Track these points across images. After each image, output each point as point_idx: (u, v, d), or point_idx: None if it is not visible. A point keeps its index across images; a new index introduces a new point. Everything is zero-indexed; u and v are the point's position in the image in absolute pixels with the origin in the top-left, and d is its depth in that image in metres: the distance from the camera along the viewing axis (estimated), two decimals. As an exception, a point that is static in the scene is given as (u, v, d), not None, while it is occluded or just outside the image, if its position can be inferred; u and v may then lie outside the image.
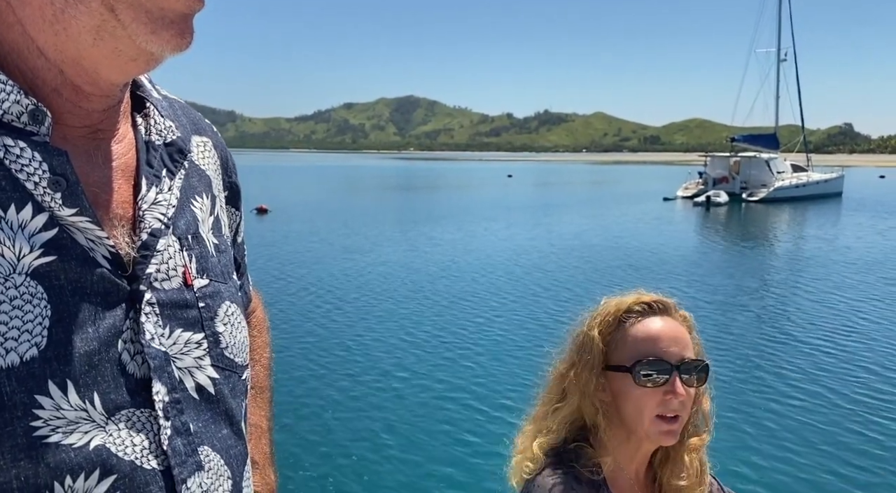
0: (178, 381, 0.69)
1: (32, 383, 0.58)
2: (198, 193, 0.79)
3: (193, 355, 0.71)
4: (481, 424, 6.72)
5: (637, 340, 1.26)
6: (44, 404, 0.58)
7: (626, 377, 1.25)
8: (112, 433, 0.62)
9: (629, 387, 1.24)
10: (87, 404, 0.61)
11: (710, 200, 36.01)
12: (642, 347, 1.25)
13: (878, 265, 16.27)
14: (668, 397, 1.21)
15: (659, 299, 1.31)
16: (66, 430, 0.59)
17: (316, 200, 39.01)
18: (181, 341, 0.70)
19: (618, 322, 1.29)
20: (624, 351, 1.26)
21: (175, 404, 0.68)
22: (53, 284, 0.61)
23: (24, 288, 0.59)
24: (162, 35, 0.61)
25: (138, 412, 0.65)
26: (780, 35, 50.28)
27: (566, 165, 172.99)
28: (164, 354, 0.68)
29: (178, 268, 0.72)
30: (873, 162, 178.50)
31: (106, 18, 0.59)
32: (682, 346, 1.25)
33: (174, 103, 0.84)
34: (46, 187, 0.61)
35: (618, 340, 1.28)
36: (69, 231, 0.62)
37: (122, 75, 0.66)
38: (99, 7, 0.59)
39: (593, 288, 13.37)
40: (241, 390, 0.79)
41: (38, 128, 0.62)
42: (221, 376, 0.74)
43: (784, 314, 11.35)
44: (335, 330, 10.08)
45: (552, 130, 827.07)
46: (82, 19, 0.59)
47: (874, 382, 7.94)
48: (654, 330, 1.26)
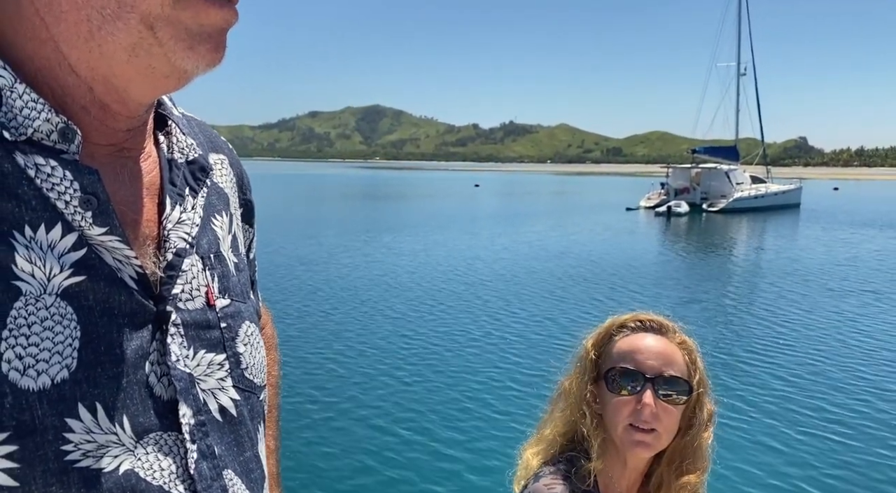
0: (203, 403, 0.69)
1: (63, 406, 0.57)
2: (217, 212, 0.79)
3: (216, 376, 0.71)
4: (448, 439, 6.53)
5: (620, 351, 1.30)
6: (74, 428, 0.58)
7: (604, 385, 1.30)
8: (141, 456, 0.62)
9: (606, 395, 1.29)
10: (117, 427, 0.61)
11: (671, 210, 36.54)
12: (621, 357, 1.29)
13: (832, 273, 16.59)
14: (638, 407, 1.24)
15: (655, 319, 1.34)
16: (97, 454, 0.59)
17: (279, 209, 38.43)
18: (204, 363, 0.70)
19: (609, 336, 1.34)
20: (608, 362, 1.31)
21: (200, 427, 0.68)
22: (83, 304, 0.60)
23: (55, 309, 0.59)
24: (199, 50, 0.61)
25: (165, 435, 0.65)
26: (740, 50, 51.59)
27: (531, 175, 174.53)
28: (189, 375, 0.68)
29: (202, 288, 0.72)
30: (827, 175, 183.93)
31: (144, 36, 0.59)
32: (663, 362, 1.27)
33: (192, 121, 0.84)
34: (77, 206, 0.60)
35: (606, 352, 1.33)
36: (97, 251, 0.62)
37: (152, 93, 0.66)
38: (138, 25, 0.58)
39: (559, 297, 13.35)
40: (259, 412, 0.79)
41: (68, 146, 0.61)
42: (242, 398, 0.74)
43: (743, 320, 11.44)
44: (288, 342, 9.80)
45: (517, 141, 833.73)
46: (119, 36, 0.59)
47: (831, 386, 8.00)
48: (637, 344, 1.29)
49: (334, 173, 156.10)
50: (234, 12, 0.63)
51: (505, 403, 7.39)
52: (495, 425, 6.78)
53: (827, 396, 7.75)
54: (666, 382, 1.25)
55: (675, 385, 1.26)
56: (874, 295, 13.75)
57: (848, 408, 7.39)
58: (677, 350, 1.30)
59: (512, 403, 7.37)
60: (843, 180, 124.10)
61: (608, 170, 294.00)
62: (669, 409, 1.25)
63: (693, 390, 1.29)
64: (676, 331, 1.34)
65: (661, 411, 1.24)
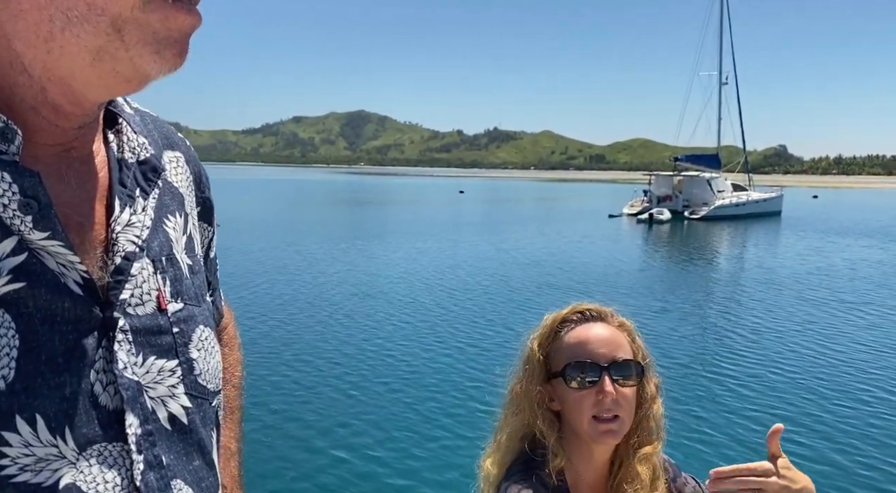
0: (151, 411, 0.66)
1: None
2: (171, 212, 0.77)
3: (167, 383, 0.69)
4: (427, 448, 6.48)
5: (570, 345, 1.31)
6: (11, 442, 0.56)
7: (561, 382, 1.29)
8: (83, 469, 0.60)
9: (565, 391, 1.29)
10: (59, 439, 0.58)
11: (653, 217, 36.84)
12: (573, 351, 1.29)
13: (811, 281, 16.76)
14: (599, 398, 1.25)
15: (593, 307, 1.36)
16: (35, 468, 0.57)
17: (261, 214, 38.18)
18: (154, 370, 0.68)
19: (554, 333, 1.34)
20: (559, 359, 1.31)
21: (147, 437, 0.65)
22: (22, 312, 0.58)
23: None
24: (164, 54, 0.60)
25: (110, 446, 0.62)
26: (722, 59, 52.23)
27: (515, 181, 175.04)
28: (137, 383, 0.65)
29: (153, 292, 0.69)
30: (806, 182, 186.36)
31: (111, 39, 0.58)
32: (613, 348, 1.29)
33: (146, 116, 0.81)
34: (16, 210, 0.58)
35: (554, 349, 1.33)
36: (39, 256, 0.60)
37: (110, 96, 0.65)
38: (107, 28, 0.57)
39: (540, 303, 13.34)
40: (211, 419, 0.77)
41: (8, 146, 0.59)
42: (194, 405, 0.72)
43: (722, 327, 11.50)
44: (265, 349, 9.71)
45: (501, 147, 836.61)
46: (85, 39, 0.58)
47: (811, 389, 8.05)
48: (585, 335, 1.31)
49: (318, 179, 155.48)
50: (199, 17, 0.62)
51: (481, 414, 7.35)
52: (469, 438, 6.74)
53: (806, 402, 7.80)
54: (619, 367, 1.27)
55: (628, 369, 1.28)
56: (851, 304, 13.89)
57: (829, 413, 7.43)
58: (620, 333, 1.32)
59: (489, 414, 7.34)
60: (822, 188, 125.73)
61: (591, 177, 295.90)
62: (626, 393, 1.27)
63: (645, 370, 1.32)
64: (614, 315, 1.37)
65: (619, 396, 1.26)
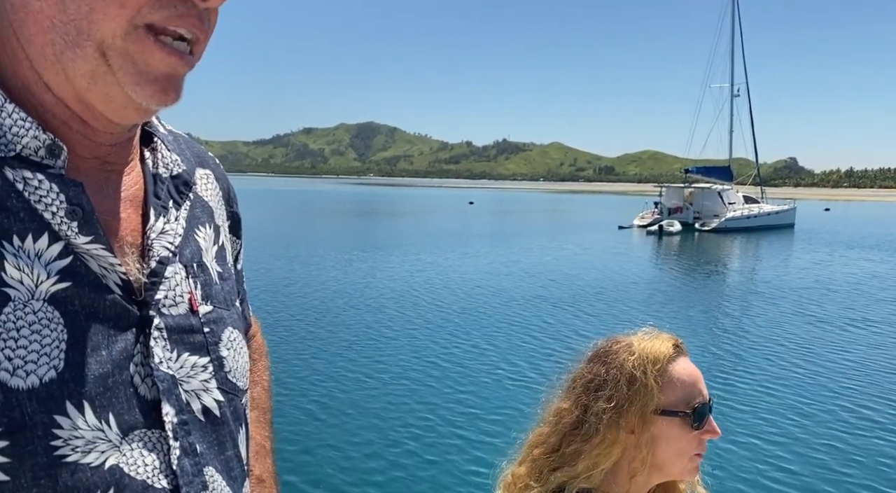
0: (186, 403, 0.71)
1: (52, 403, 0.60)
2: (201, 224, 0.82)
3: (200, 378, 0.73)
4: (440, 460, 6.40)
5: (684, 383, 1.26)
6: (63, 425, 0.60)
7: (673, 421, 1.24)
8: (126, 452, 0.64)
9: (678, 429, 1.24)
10: (104, 424, 0.63)
11: (663, 229, 36.68)
12: (690, 391, 1.26)
13: (822, 294, 16.57)
14: (705, 437, 1.25)
15: (682, 342, 1.33)
16: (84, 449, 0.61)
17: (271, 225, 38.26)
18: (188, 365, 0.72)
19: (664, 365, 1.28)
20: (672, 395, 1.25)
21: (183, 426, 0.70)
22: (69, 309, 0.63)
23: (42, 313, 0.61)
24: (146, 89, 0.63)
25: (149, 432, 0.67)
26: (734, 71, 52.02)
27: (524, 193, 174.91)
28: (172, 377, 0.70)
29: (185, 294, 0.74)
30: (817, 195, 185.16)
31: (100, 64, 0.61)
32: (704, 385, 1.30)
33: (179, 138, 0.87)
34: (63, 217, 0.63)
35: (665, 383, 1.26)
36: (83, 259, 0.64)
37: (119, 119, 0.67)
38: (94, 52, 0.61)
39: (550, 315, 13.26)
40: (241, 414, 0.81)
41: (55, 161, 0.64)
42: (226, 399, 0.77)
43: (731, 338, 11.37)
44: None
45: (510, 159, 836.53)
46: (79, 63, 0.61)
47: (826, 403, 7.93)
48: (694, 373, 1.29)
49: (328, 190, 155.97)
50: (184, 62, 0.65)
51: (493, 424, 7.27)
52: (486, 447, 6.66)
53: (818, 416, 7.67)
54: (711, 405, 1.28)
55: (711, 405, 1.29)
56: (865, 321, 13.70)
57: (846, 432, 7.30)
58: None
59: (500, 424, 7.26)
60: (833, 201, 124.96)
61: (600, 188, 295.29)
62: None
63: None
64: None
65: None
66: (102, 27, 0.60)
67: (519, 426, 1.32)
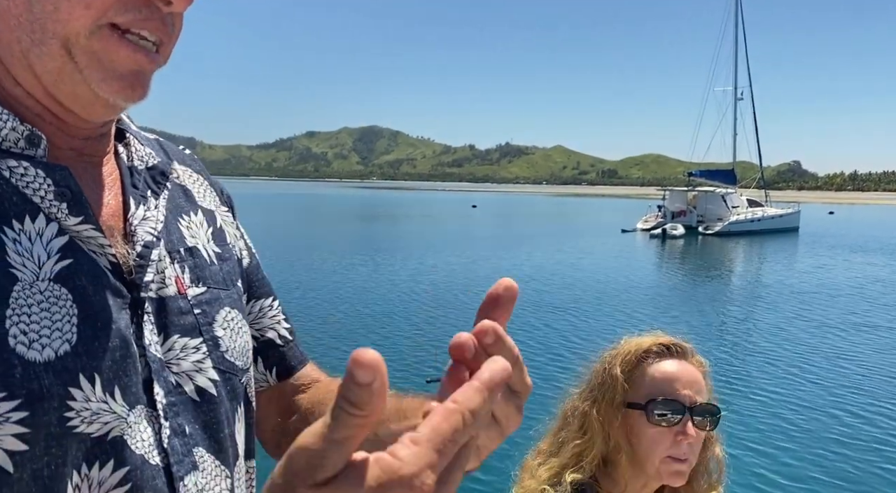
0: (175, 385, 0.72)
1: (67, 376, 0.61)
2: (185, 212, 0.83)
3: (191, 359, 0.74)
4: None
5: (654, 380, 1.28)
6: (76, 397, 0.62)
7: (641, 416, 1.27)
8: (131, 425, 0.66)
9: (643, 425, 1.26)
10: (108, 397, 0.64)
11: (667, 232, 36.65)
12: (658, 387, 1.27)
13: (831, 296, 16.52)
14: (678, 439, 1.23)
15: (677, 343, 1.34)
16: (90, 420, 0.63)
17: (274, 229, 38.29)
18: (177, 347, 0.73)
19: (637, 361, 1.31)
20: (641, 390, 1.28)
21: (171, 407, 0.71)
22: (77, 284, 0.64)
23: (49, 292, 0.62)
24: (112, 85, 0.64)
25: (147, 409, 0.69)
26: (737, 74, 51.93)
27: (528, 196, 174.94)
28: (160, 360, 0.71)
29: (171, 277, 0.75)
30: (821, 199, 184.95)
31: (66, 61, 0.62)
32: (695, 389, 1.27)
33: (150, 138, 0.88)
34: (52, 200, 0.64)
35: (636, 378, 1.29)
36: (77, 242, 0.66)
37: (88, 116, 0.68)
38: (59, 50, 0.62)
39: (553, 319, 13.24)
40: (239, 393, 0.81)
41: (35, 151, 0.65)
42: (222, 379, 0.77)
43: (733, 342, 11.34)
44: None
45: (513, 162, 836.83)
46: (45, 60, 0.63)
47: (831, 405, 7.90)
48: (671, 372, 1.28)
49: (331, 193, 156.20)
50: (148, 59, 0.65)
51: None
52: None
53: (822, 420, 7.64)
54: (702, 410, 1.26)
55: (708, 413, 1.27)
56: (871, 326, 13.65)
57: (849, 438, 7.27)
58: (699, 373, 1.30)
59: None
60: (837, 204, 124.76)
61: (603, 192, 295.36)
62: (701, 436, 1.26)
63: (721, 414, 1.29)
64: (694, 353, 1.34)
65: (695, 440, 1.25)
66: (67, 26, 0.61)
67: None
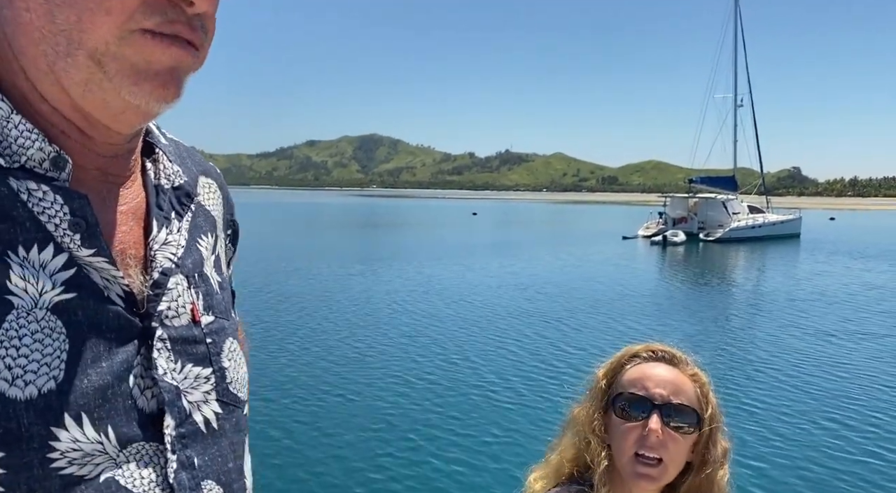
0: (188, 414, 0.71)
1: (50, 415, 0.59)
2: (203, 233, 0.82)
3: (202, 389, 0.74)
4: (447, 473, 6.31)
5: (630, 379, 1.29)
6: (60, 437, 0.60)
7: (612, 412, 1.29)
8: (123, 465, 0.64)
9: (614, 422, 1.28)
10: (102, 436, 0.62)
11: (667, 239, 36.62)
12: (631, 384, 1.28)
13: (832, 304, 16.43)
14: (644, 433, 1.22)
15: (668, 350, 1.34)
16: (82, 462, 0.61)
17: (273, 237, 38.26)
18: (192, 376, 0.73)
19: (621, 365, 1.33)
20: (617, 390, 1.30)
21: (181, 439, 0.69)
22: (72, 319, 0.63)
23: (45, 322, 0.61)
24: (144, 86, 0.63)
25: (147, 445, 0.67)
26: (737, 81, 51.86)
27: (528, 203, 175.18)
28: (176, 388, 0.70)
29: (187, 305, 0.74)
30: (822, 205, 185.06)
31: (93, 72, 0.61)
32: (672, 391, 1.26)
33: (180, 146, 0.87)
34: (66, 229, 0.63)
35: (617, 381, 1.32)
36: (86, 270, 0.65)
37: (118, 125, 0.67)
38: (86, 61, 0.61)
39: (555, 327, 13.17)
40: (243, 425, 0.81)
41: (59, 174, 0.64)
42: (225, 411, 0.76)
43: (733, 350, 11.25)
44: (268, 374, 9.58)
45: (513, 170, 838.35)
46: (71, 72, 0.61)
47: (833, 414, 7.81)
48: (648, 372, 1.29)
49: (331, 202, 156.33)
50: (185, 52, 0.64)
51: (505, 431, 7.17)
52: (496, 456, 6.57)
53: (823, 428, 7.56)
54: (674, 410, 1.24)
55: (682, 414, 1.25)
56: (870, 334, 13.57)
57: (852, 447, 7.19)
58: (688, 381, 1.29)
59: (513, 431, 7.16)
60: (838, 210, 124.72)
61: (604, 198, 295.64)
62: (677, 438, 1.23)
63: (702, 422, 1.27)
64: (688, 363, 1.33)
65: (668, 439, 1.22)
66: (92, 35, 0.60)
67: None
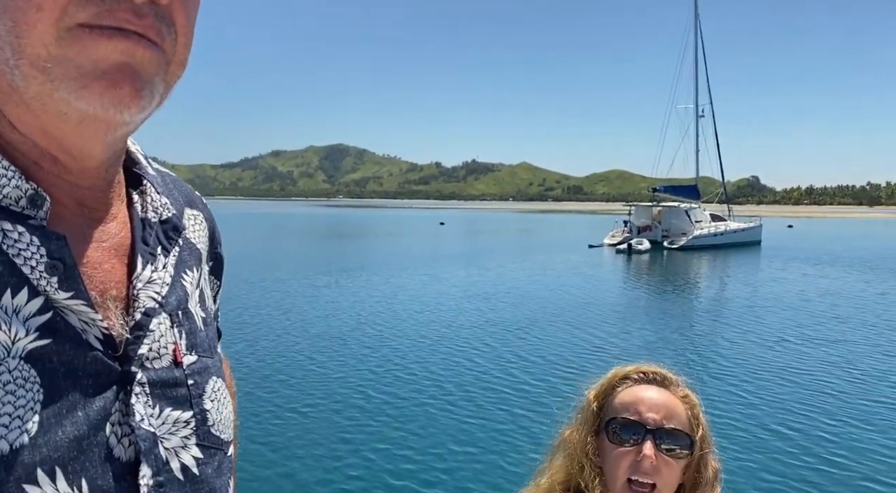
0: (165, 462, 0.68)
1: (21, 471, 0.57)
2: (188, 268, 0.79)
3: (181, 434, 0.71)
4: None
5: (622, 403, 1.28)
6: None
7: (604, 437, 1.27)
8: None
9: (607, 446, 1.26)
10: (75, 490, 0.60)
11: (632, 247, 37.11)
12: (623, 408, 1.27)
13: (795, 309, 16.78)
14: (638, 459, 1.21)
15: (659, 372, 1.33)
16: None
17: (238, 248, 37.74)
18: (170, 421, 0.70)
19: (612, 387, 1.32)
20: (609, 413, 1.29)
21: (158, 488, 0.67)
22: (47, 367, 0.60)
23: (18, 372, 0.58)
24: (93, 89, 0.58)
25: None
26: (698, 92, 53.02)
27: (494, 213, 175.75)
28: (153, 435, 0.67)
29: (169, 346, 0.71)
30: (780, 212, 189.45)
31: (41, 81, 0.58)
32: (665, 414, 1.25)
33: (167, 177, 0.84)
34: (43, 272, 0.60)
35: (608, 403, 1.31)
36: (63, 314, 0.62)
37: (82, 142, 0.63)
38: (30, 70, 0.57)
39: (521, 337, 13.16)
40: (227, 468, 0.78)
41: (36, 212, 0.61)
42: (206, 456, 0.73)
43: (697, 355, 11.39)
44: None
45: (479, 179, 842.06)
46: (24, 86, 0.58)
47: (787, 419, 7.93)
48: (640, 395, 1.28)
49: (297, 212, 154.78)
50: (137, 45, 0.59)
51: (461, 445, 7.11)
52: (463, 477, 6.49)
53: (775, 433, 7.66)
54: (668, 434, 1.24)
55: (676, 439, 1.24)
56: (824, 340, 13.84)
57: (810, 454, 7.29)
58: (679, 404, 1.29)
59: (469, 444, 7.10)
60: (795, 218, 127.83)
61: (569, 208, 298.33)
62: (670, 463, 1.23)
63: (695, 445, 1.26)
64: (680, 384, 1.33)
65: (661, 464, 1.22)
66: (30, 39, 0.56)
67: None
